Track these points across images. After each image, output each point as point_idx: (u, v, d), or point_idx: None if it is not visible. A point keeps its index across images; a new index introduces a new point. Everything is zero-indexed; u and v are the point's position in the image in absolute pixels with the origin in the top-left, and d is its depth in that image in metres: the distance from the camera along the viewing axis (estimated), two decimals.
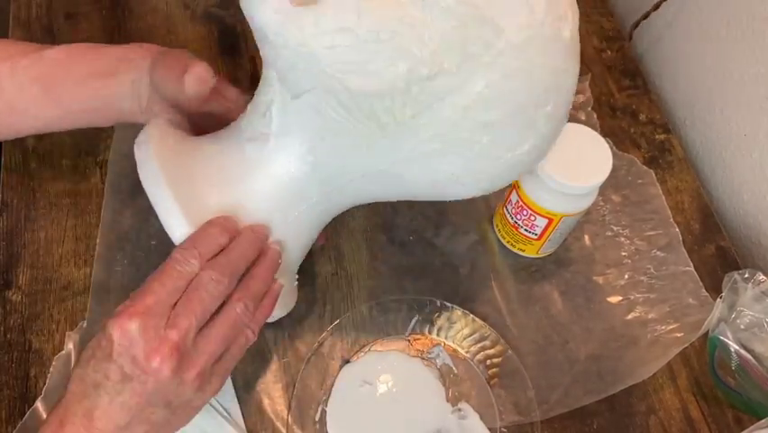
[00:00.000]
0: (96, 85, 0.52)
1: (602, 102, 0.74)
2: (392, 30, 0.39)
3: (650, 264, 0.64)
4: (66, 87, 0.52)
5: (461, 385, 0.57)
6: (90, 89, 0.52)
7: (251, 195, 0.47)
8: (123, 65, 0.52)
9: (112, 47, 0.54)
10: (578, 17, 0.43)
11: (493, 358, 0.57)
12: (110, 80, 0.52)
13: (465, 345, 0.58)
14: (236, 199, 0.47)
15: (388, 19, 0.39)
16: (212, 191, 0.47)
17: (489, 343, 0.58)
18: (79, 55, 0.53)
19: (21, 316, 0.57)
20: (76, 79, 0.52)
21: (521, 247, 0.62)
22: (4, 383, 0.55)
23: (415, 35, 0.39)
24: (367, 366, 0.57)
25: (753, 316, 0.53)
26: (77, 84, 0.52)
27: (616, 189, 0.68)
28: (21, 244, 0.61)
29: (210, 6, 0.78)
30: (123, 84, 0.52)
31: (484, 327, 0.58)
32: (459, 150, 0.43)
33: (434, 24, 0.39)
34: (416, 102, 0.41)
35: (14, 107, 0.53)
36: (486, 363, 0.57)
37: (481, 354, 0.58)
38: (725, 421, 0.57)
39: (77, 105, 0.53)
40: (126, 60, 0.52)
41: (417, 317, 0.59)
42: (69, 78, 0.52)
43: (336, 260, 0.62)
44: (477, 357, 0.58)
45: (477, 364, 0.58)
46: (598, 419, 0.57)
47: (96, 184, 0.64)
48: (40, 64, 0.52)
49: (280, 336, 0.58)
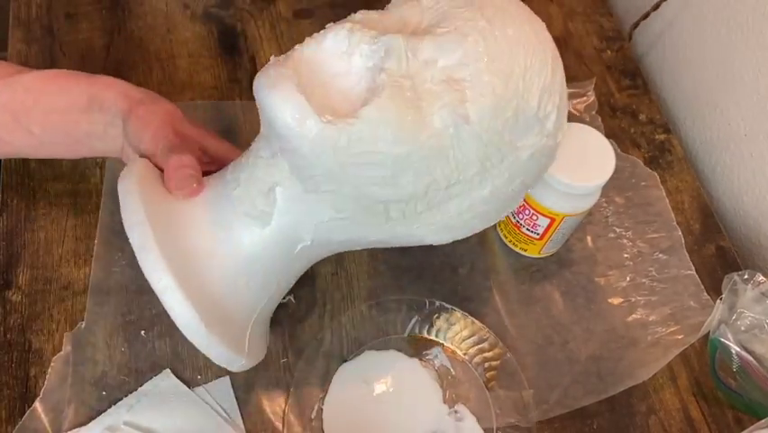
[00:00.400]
0: (66, 120, 0.51)
1: (602, 102, 0.74)
2: (424, 156, 0.42)
3: (652, 267, 0.64)
4: (34, 118, 0.51)
5: (459, 387, 0.57)
6: (60, 123, 0.51)
7: (244, 266, 0.47)
8: (94, 104, 0.51)
9: (84, 80, 0.52)
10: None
11: (491, 361, 0.57)
12: (80, 117, 0.51)
13: (464, 347, 0.58)
14: (236, 271, 0.47)
15: (420, 144, 0.42)
16: (212, 265, 0.46)
17: (488, 345, 0.58)
18: (49, 85, 0.52)
19: (21, 316, 0.57)
20: (44, 110, 0.51)
21: (523, 247, 0.62)
22: (4, 383, 0.55)
23: (443, 156, 0.43)
24: (365, 366, 0.57)
25: (753, 317, 0.53)
26: (46, 115, 0.51)
27: (619, 191, 0.68)
28: (21, 244, 0.61)
29: (210, 6, 0.78)
30: (95, 124, 0.51)
31: (483, 330, 0.58)
32: (451, 230, 0.48)
33: (460, 147, 0.43)
34: (427, 203, 0.45)
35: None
36: (484, 366, 0.57)
37: (480, 356, 0.58)
38: (725, 421, 0.57)
39: (48, 137, 0.52)
40: (97, 101, 0.51)
41: (417, 318, 0.59)
42: (38, 108, 0.51)
43: (336, 260, 0.62)
44: (475, 359, 0.58)
45: (475, 367, 0.57)
46: (599, 419, 0.57)
47: (95, 184, 0.64)
48: (10, 90, 0.51)
49: (280, 337, 0.58)
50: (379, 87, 0.42)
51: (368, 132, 0.41)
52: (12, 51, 0.72)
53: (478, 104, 0.42)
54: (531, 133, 0.45)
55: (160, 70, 0.73)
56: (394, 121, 0.41)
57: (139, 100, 0.52)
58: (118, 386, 0.55)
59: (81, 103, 0.51)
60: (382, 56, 0.42)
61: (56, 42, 0.73)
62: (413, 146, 0.42)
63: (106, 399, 0.54)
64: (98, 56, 0.73)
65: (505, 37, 0.43)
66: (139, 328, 0.57)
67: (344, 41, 0.43)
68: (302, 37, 0.46)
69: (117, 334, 0.57)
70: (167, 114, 0.51)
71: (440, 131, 0.42)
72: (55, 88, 0.52)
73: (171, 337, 0.57)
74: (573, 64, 0.77)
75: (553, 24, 0.80)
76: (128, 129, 0.50)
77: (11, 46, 0.73)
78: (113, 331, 0.57)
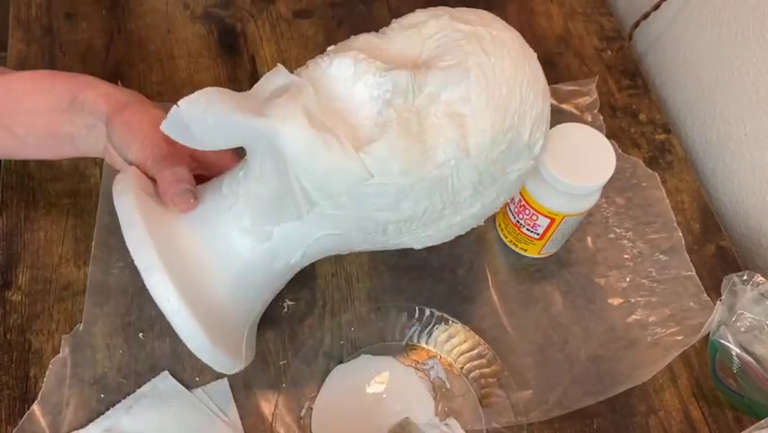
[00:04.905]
0: (48, 120, 0.51)
1: (602, 102, 0.74)
2: (425, 185, 0.44)
3: (652, 268, 0.64)
4: (16, 119, 0.51)
5: (453, 401, 0.56)
6: (43, 124, 0.51)
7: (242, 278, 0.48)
8: (76, 105, 0.51)
9: (65, 80, 0.52)
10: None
11: (488, 378, 0.57)
12: (62, 118, 0.51)
13: (461, 361, 0.58)
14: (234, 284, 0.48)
15: (424, 176, 0.44)
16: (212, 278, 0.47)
17: (486, 361, 0.57)
18: (32, 85, 0.52)
19: (20, 316, 0.57)
20: (26, 111, 0.51)
21: (523, 247, 0.62)
22: (4, 383, 0.55)
23: (442, 184, 0.45)
24: (359, 369, 0.57)
25: (753, 318, 0.52)
26: (28, 116, 0.51)
27: (619, 192, 0.68)
28: (20, 244, 0.61)
29: (210, 6, 0.78)
30: (77, 126, 0.51)
31: (483, 345, 0.58)
32: (435, 239, 0.50)
33: (458, 176, 0.45)
34: (423, 222, 0.47)
35: None
36: (480, 382, 0.57)
37: (477, 371, 0.57)
38: (725, 421, 0.57)
39: (31, 138, 0.52)
40: (79, 102, 0.51)
41: (417, 326, 0.59)
42: (19, 108, 0.51)
43: (336, 260, 0.62)
44: (472, 375, 0.57)
45: (471, 382, 0.57)
46: (599, 419, 0.56)
47: (95, 184, 0.64)
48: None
49: (280, 337, 0.58)
50: (387, 122, 0.43)
51: (377, 167, 0.43)
52: (11, 51, 0.72)
53: (478, 138, 0.45)
54: (521, 159, 0.48)
55: (160, 70, 0.73)
56: (402, 157, 0.43)
57: (123, 103, 0.51)
58: (117, 388, 0.55)
59: (63, 104, 0.51)
60: (389, 90, 0.44)
61: (56, 42, 0.73)
62: (417, 178, 0.44)
63: (105, 400, 0.54)
64: (98, 56, 0.73)
65: (503, 72, 0.45)
66: (137, 330, 0.57)
67: (349, 69, 0.44)
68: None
69: (116, 335, 0.57)
70: (155, 118, 0.50)
71: (442, 163, 0.44)
72: (38, 89, 0.51)
73: (170, 339, 0.57)
74: (573, 64, 0.77)
75: (553, 24, 0.80)
76: (113, 135, 0.50)
77: (11, 46, 0.73)
78: (111, 333, 0.57)
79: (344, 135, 0.42)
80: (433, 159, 0.44)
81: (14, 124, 0.51)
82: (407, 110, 0.44)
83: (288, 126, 0.41)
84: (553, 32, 0.80)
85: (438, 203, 0.46)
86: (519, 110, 0.46)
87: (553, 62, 0.77)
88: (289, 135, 0.41)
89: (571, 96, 0.74)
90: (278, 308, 0.59)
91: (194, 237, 0.47)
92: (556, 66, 0.77)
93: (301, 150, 0.42)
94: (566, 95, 0.74)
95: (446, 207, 0.47)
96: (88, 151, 0.53)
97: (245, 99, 0.43)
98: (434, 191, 0.45)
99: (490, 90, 0.45)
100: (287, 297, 0.59)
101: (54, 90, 0.51)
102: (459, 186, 0.46)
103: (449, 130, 0.44)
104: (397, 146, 0.43)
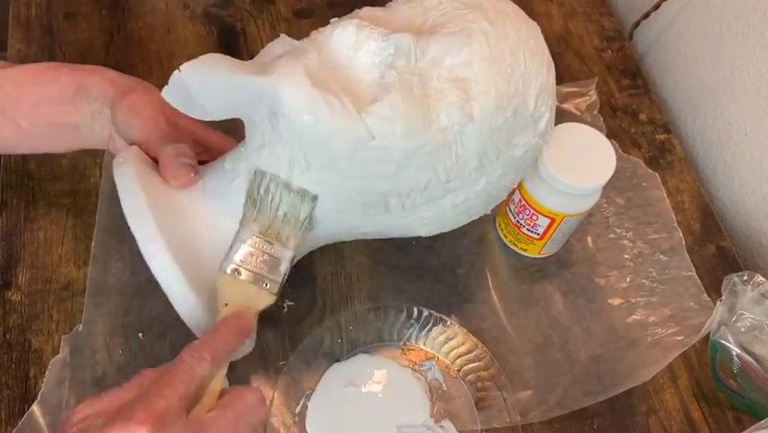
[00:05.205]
0: (53, 111, 0.51)
1: (602, 102, 0.74)
2: (429, 152, 0.44)
3: (652, 268, 0.64)
4: (21, 110, 0.51)
5: (449, 403, 0.56)
6: (47, 115, 0.51)
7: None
8: (82, 93, 0.51)
9: (70, 70, 0.52)
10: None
11: (485, 381, 0.56)
12: (67, 108, 0.51)
13: (459, 364, 0.58)
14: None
15: (426, 140, 0.43)
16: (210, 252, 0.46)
17: (483, 364, 0.57)
18: (37, 77, 0.52)
19: (20, 316, 0.57)
20: (31, 103, 0.51)
21: (523, 247, 0.62)
22: (4, 383, 0.55)
23: (446, 152, 0.44)
24: (356, 368, 0.57)
25: (753, 318, 0.52)
26: (33, 108, 0.51)
27: (620, 192, 0.68)
28: (20, 244, 0.61)
29: (210, 6, 0.78)
30: (82, 114, 0.51)
31: (481, 348, 0.57)
32: (441, 223, 0.50)
33: (462, 143, 0.44)
34: (427, 197, 0.47)
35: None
36: (477, 385, 0.57)
37: (474, 374, 0.57)
38: (725, 421, 0.57)
39: (36, 129, 0.52)
40: (84, 90, 0.51)
41: (415, 327, 0.59)
42: (24, 100, 0.51)
43: (336, 260, 0.62)
44: (468, 377, 0.57)
45: (468, 385, 0.57)
46: (599, 419, 0.56)
47: (95, 184, 0.64)
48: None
49: (279, 338, 0.58)
50: (390, 83, 0.43)
51: (379, 127, 0.42)
52: (11, 51, 0.72)
53: (482, 102, 0.44)
54: (526, 132, 0.47)
55: (160, 70, 0.73)
56: (404, 117, 0.42)
57: (129, 87, 0.51)
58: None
59: (69, 92, 0.51)
60: (391, 53, 0.43)
61: (55, 42, 0.73)
62: (420, 142, 0.43)
63: None
64: (98, 56, 0.73)
65: (506, 39, 0.45)
66: (137, 330, 0.57)
67: (352, 37, 0.44)
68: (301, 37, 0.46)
69: (115, 336, 0.57)
70: (159, 102, 0.50)
71: (446, 128, 0.43)
72: (43, 80, 0.52)
73: (170, 339, 0.57)
74: (573, 64, 0.77)
75: (553, 24, 0.80)
76: (117, 117, 0.50)
77: (10, 46, 0.73)
78: (111, 333, 0.57)
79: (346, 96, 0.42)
80: (436, 122, 0.43)
81: (19, 116, 0.51)
82: (410, 72, 0.43)
83: (289, 84, 0.41)
84: (553, 32, 0.79)
85: (442, 173, 0.45)
86: (524, 77, 0.45)
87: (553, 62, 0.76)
88: (291, 94, 0.41)
89: (571, 97, 0.74)
90: (277, 308, 0.59)
91: (194, 211, 0.47)
92: (556, 66, 0.75)
93: (302, 109, 0.41)
94: (566, 95, 0.74)
95: (450, 181, 0.46)
96: (92, 141, 0.53)
97: (247, 64, 0.43)
98: (437, 159, 0.44)
99: (494, 56, 0.44)
100: (286, 297, 0.59)
101: (59, 80, 0.51)
102: (464, 155, 0.45)
103: (452, 94, 0.43)
104: (399, 106, 0.42)
